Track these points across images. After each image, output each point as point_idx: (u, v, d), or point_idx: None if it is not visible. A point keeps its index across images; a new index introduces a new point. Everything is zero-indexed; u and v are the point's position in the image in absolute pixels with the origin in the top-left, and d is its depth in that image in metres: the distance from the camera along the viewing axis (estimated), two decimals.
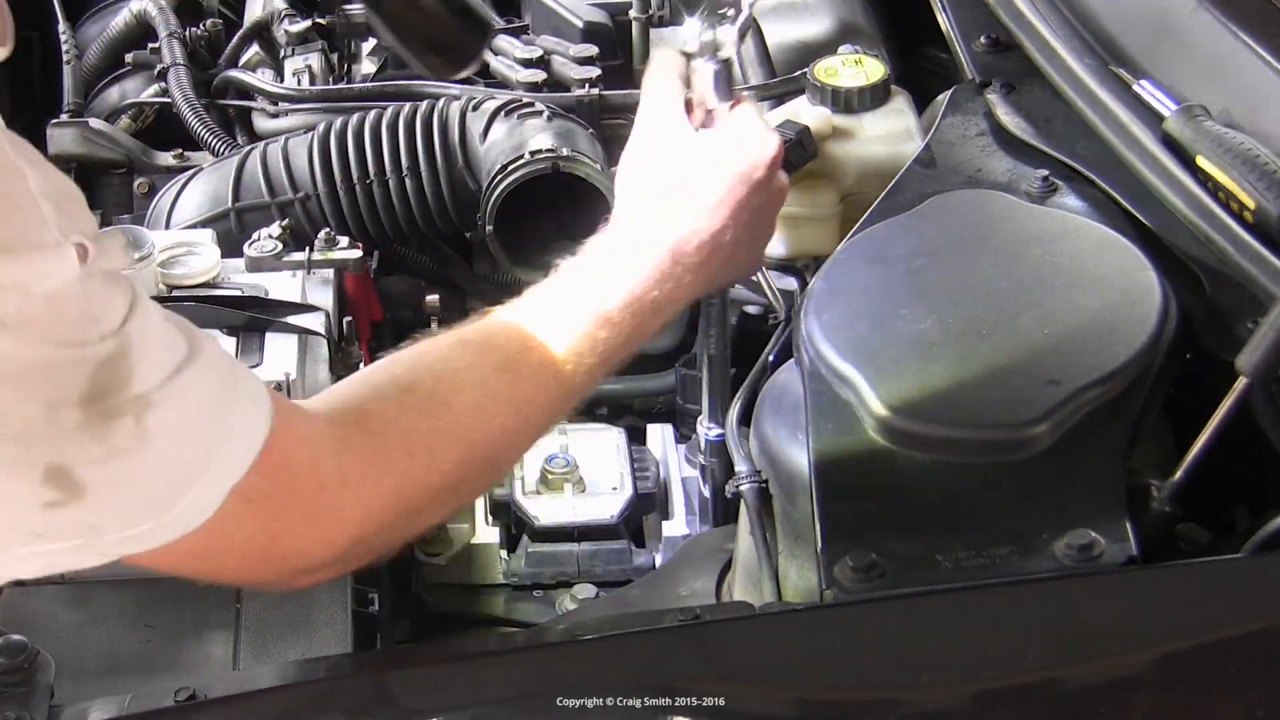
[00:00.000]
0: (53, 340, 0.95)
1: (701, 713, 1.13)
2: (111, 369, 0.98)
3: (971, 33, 1.82)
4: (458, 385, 1.23)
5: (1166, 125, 1.52)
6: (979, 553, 1.23)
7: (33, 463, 0.96)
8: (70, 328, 0.96)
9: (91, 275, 0.97)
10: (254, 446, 1.07)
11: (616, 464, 1.84)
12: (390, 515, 1.17)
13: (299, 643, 1.55)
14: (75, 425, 0.97)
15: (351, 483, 1.14)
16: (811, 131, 1.67)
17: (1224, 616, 1.22)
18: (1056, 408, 1.26)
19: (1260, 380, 1.24)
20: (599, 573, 1.76)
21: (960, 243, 1.46)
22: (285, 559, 1.14)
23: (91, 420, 0.97)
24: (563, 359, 1.28)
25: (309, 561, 1.15)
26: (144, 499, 1.02)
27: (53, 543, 1.01)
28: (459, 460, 1.21)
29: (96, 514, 1.00)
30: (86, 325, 0.97)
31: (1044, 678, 1.19)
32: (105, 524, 1.01)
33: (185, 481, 1.03)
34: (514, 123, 1.97)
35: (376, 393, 1.22)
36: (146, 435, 1.00)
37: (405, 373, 1.23)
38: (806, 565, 1.35)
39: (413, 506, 1.19)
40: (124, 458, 0.99)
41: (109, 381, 0.98)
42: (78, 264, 0.96)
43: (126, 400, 0.99)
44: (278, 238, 1.87)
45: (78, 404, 0.97)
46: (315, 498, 1.12)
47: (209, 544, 1.07)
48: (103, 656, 1.53)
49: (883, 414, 1.28)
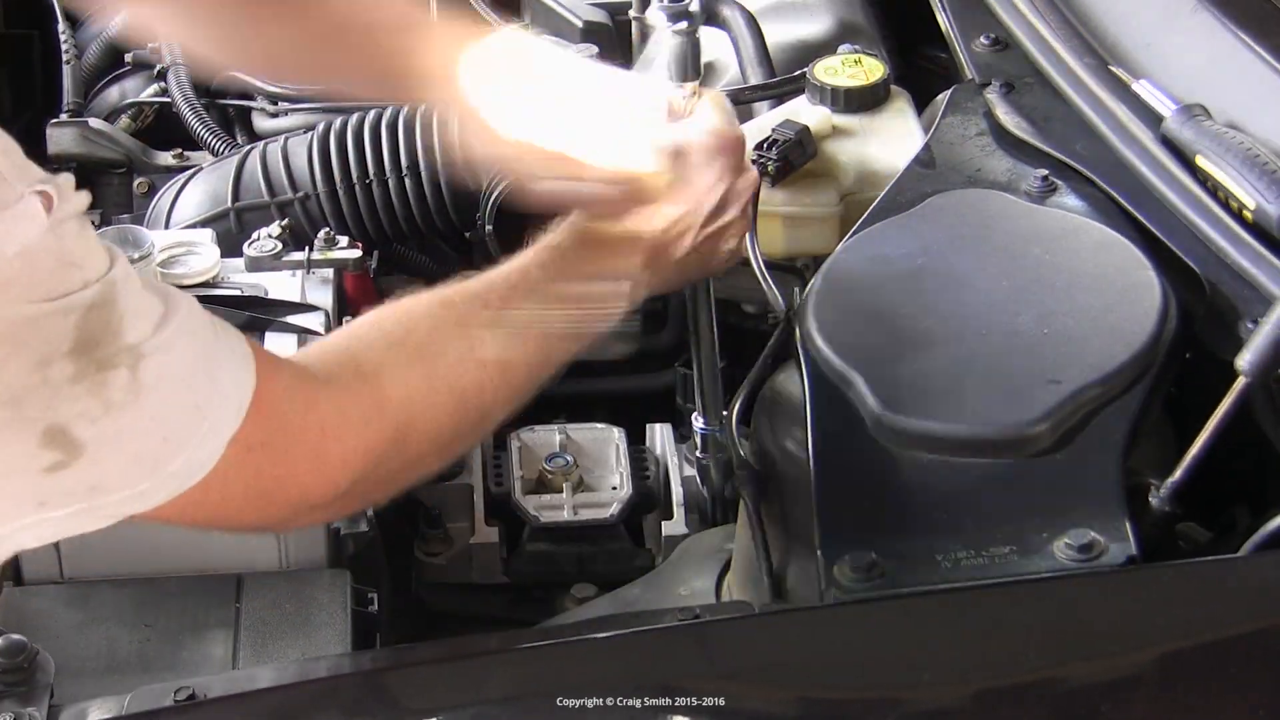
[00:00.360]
0: (34, 297, 0.95)
1: (701, 712, 1.13)
2: (100, 315, 0.98)
3: (971, 32, 1.82)
4: (446, 337, 1.25)
5: (1166, 125, 1.52)
6: (979, 552, 1.23)
7: (30, 424, 0.96)
8: (50, 280, 0.96)
9: (62, 222, 0.96)
10: (244, 397, 1.07)
11: (616, 464, 1.84)
12: (390, 457, 1.18)
13: (299, 642, 1.55)
14: (68, 378, 0.96)
15: (352, 422, 1.15)
16: (811, 131, 1.67)
17: (1224, 616, 1.22)
18: (1056, 407, 1.26)
19: (1260, 380, 1.24)
20: (599, 572, 1.76)
21: (960, 242, 1.46)
22: (289, 500, 1.14)
23: (84, 371, 0.97)
24: (539, 322, 1.31)
25: (312, 500, 1.16)
26: (141, 456, 1.02)
27: (56, 509, 1.01)
28: (452, 407, 1.24)
29: (97, 474, 1.00)
30: (67, 273, 0.97)
31: (1044, 677, 1.18)
32: (106, 483, 1.01)
33: (180, 436, 1.03)
34: None
35: (365, 343, 1.23)
36: (140, 388, 1.00)
37: (394, 327, 1.25)
38: (806, 565, 1.35)
39: (410, 450, 1.21)
40: (120, 413, 0.99)
41: (99, 329, 0.98)
42: (44, 214, 0.95)
43: (119, 351, 0.99)
44: (277, 237, 1.87)
45: (68, 355, 0.96)
46: (316, 440, 1.13)
47: (211, 495, 1.07)
48: (102, 656, 1.53)
49: (882, 413, 1.28)
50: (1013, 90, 1.71)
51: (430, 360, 1.23)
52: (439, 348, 1.24)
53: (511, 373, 1.29)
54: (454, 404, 1.24)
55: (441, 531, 1.79)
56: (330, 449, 1.14)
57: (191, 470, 1.05)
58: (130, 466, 1.02)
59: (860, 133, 1.71)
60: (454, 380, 1.24)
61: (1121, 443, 1.27)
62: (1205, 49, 1.59)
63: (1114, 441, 1.27)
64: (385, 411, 1.18)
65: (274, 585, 1.62)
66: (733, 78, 2.12)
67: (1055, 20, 1.74)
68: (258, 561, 1.66)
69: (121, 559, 1.64)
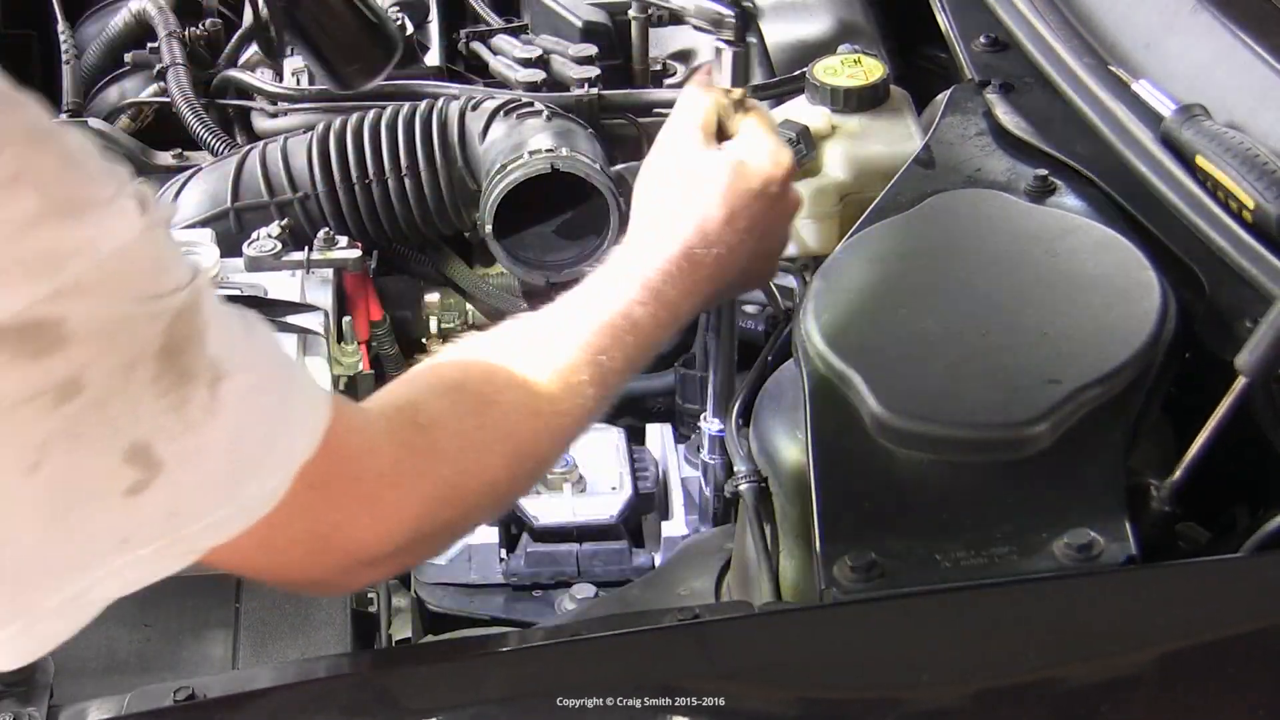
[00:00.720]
0: (129, 297, 0.94)
1: (701, 712, 1.13)
2: (186, 323, 0.98)
3: (971, 32, 1.82)
4: (502, 385, 1.24)
5: (1165, 125, 1.52)
6: (978, 552, 1.23)
7: (114, 436, 0.95)
8: (144, 281, 0.96)
9: (153, 226, 0.97)
10: (317, 429, 1.07)
11: (616, 464, 1.84)
12: (445, 509, 1.18)
13: (299, 642, 1.55)
14: (152, 384, 0.96)
15: (407, 473, 1.15)
16: (811, 131, 1.67)
17: (1224, 616, 1.22)
18: (1056, 407, 1.26)
19: (1260, 379, 1.24)
20: (598, 573, 1.77)
21: (959, 242, 1.46)
22: (346, 550, 1.14)
23: (168, 379, 0.97)
24: (596, 358, 1.30)
25: (369, 553, 1.15)
26: (217, 478, 1.02)
27: (139, 546, 1.00)
28: (508, 457, 1.23)
29: (174, 496, 0.99)
30: (159, 276, 0.97)
31: (1044, 677, 1.18)
32: (184, 509, 1.01)
33: (255, 460, 1.04)
34: (513, 122, 1.97)
35: (426, 389, 1.23)
36: (219, 407, 1.00)
37: (452, 371, 1.25)
38: (806, 565, 1.35)
39: (466, 501, 1.20)
40: (198, 431, 0.99)
41: (184, 337, 0.98)
42: (139, 215, 0.96)
43: (202, 362, 0.99)
44: (277, 237, 1.87)
45: (155, 359, 0.96)
46: (374, 487, 1.13)
47: (274, 534, 1.07)
48: (102, 656, 1.53)
49: (882, 413, 1.27)
50: (1012, 90, 1.71)
51: (486, 410, 1.22)
52: (493, 395, 1.23)
53: (567, 416, 1.27)
54: (509, 453, 1.23)
55: None
56: (386, 497, 1.14)
57: (263, 500, 1.05)
58: (207, 490, 1.02)
59: (860, 133, 1.71)
60: (509, 430, 1.23)
61: (1121, 443, 1.27)
62: (1205, 49, 1.59)
63: (1113, 441, 1.27)
64: (441, 461, 1.18)
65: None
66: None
67: (1055, 20, 1.74)
68: None
69: None
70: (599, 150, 1.97)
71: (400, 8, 2.24)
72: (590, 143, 1.97)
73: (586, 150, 1.93)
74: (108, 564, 1.00)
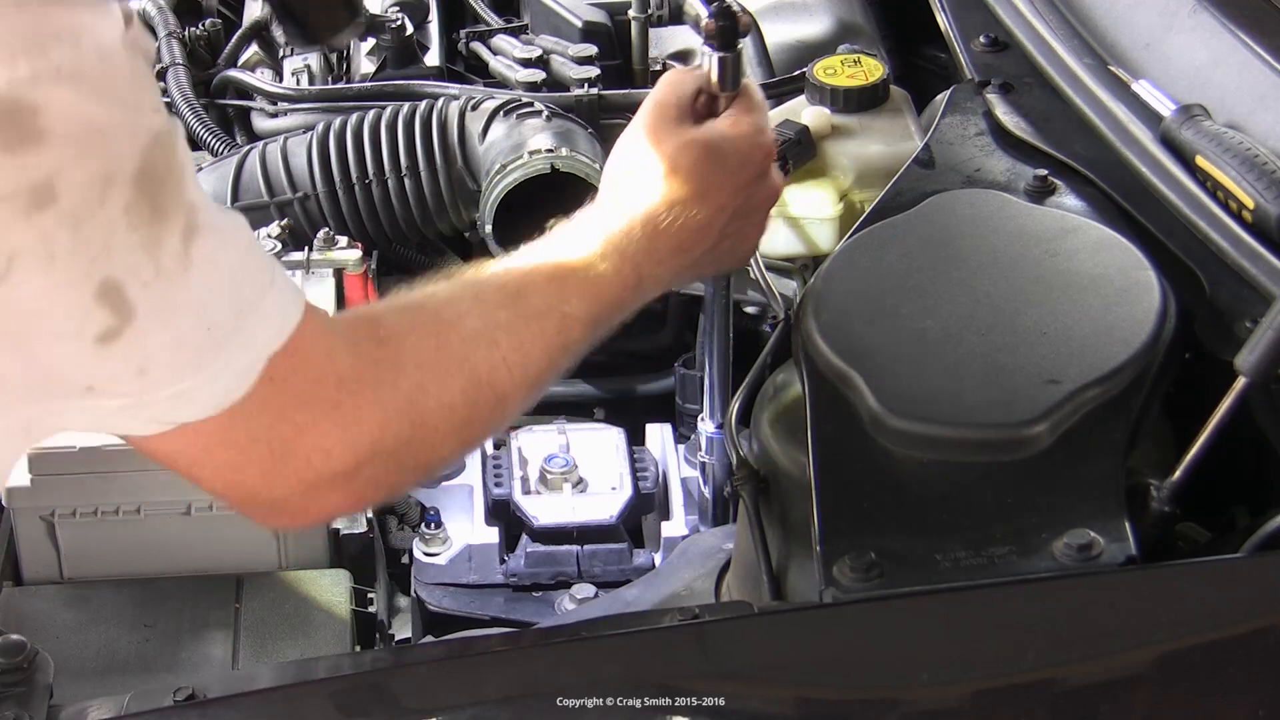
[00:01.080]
0: (107, 98, 0.95)
1: (701, 712, 1.13)
2: (163, 153, 0.99)
3: (970, 32, 1.82)
4: (462, 312, 1.25)
5: (1165, 125, 1.52)
6: (978, 552, 1.23)
7: (88, 264, 0.96)
8: (124, 89, 0.96)
9: (135, 46, 0.97)
10: (288, 322, 1.09)
11: (616, 464, 1.84)
12: (404, 423, 1.18)
13: (299, 643, 1.56)
14: (127, 212, 0.96)
15: (368, 381, 1.15)
16: (811, 131, 1.67)
17: (1224, 616, 1.22)
18: (1056, 407, 1.26)
19: (1259, 379, 1.24)
20: (598, 573, 1.77)
21: (959, 242, 1.46)
22: (309, 460, 1.14)
23: (142, 210, 0.97)
24: (557, 304, 1.30)
25: (330, 465, 1.14)
26: (186, 344, 1.03)
27: (105, 399, 1.02)
28: (464, 381, 1.22)
29: (145, 353, 1.00)
30: (139, 93, 0.97)
31: (1043, 677, 1.18)
32: (153, 369, 1.02)
33: (223, 333, 1.04)
34: (513, 122, 1.97)
35: (386, 307, 1.24)
36: (191, 263, 1.01)
37: (415, 295, 1.26)
38: (806, 565, 1.35)
39: (425, 422, 1.20)
40: (170, 281, 1.00)
41: (162, 167, 0.98)
42: (123, 25, 0.96)
43: (178, 205, 1.00)
44: (277, 237, 1.87)
45: (130, 181, 0.96)
46: (334, 392, 1.13)
47: (237, 427, 1.08)
48: (102, 656, 1.53)
49: (882, 413, 1.28)
50: (1012, 90, 1.71)
51: (444, 331, 1.22)
52: (453, 319, 1.23)
53: (527, 357, 1.26)
54: (466, 380, 1.22)
55: (441, 531, 1.79)
56: (346, 402, 1.14)
57: (231, 381, 1.06)
58: (177, 353, 1.03)
59: (859, 133, 1.71)
60: (466, 354, 1.23)
61: (1121, 443, 1.27)
62: (1205, 49, 1.60)
63: (1113, 441, 1.27)
64: (399, 374, 1.18)
65: (274, 585, 1.63)
66: None
67: (1054, 20, 1.74)
68: (258, 562, 1.67)
69: (121, 559, 1.65)
70: (598, 150, 1.97)
71: (400, 8, 2.24)
72: (590, 143, 1.97)
73: (586, 150, 1.93)
74: (69, 404, 1.02)
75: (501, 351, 1.25)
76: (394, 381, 1.17)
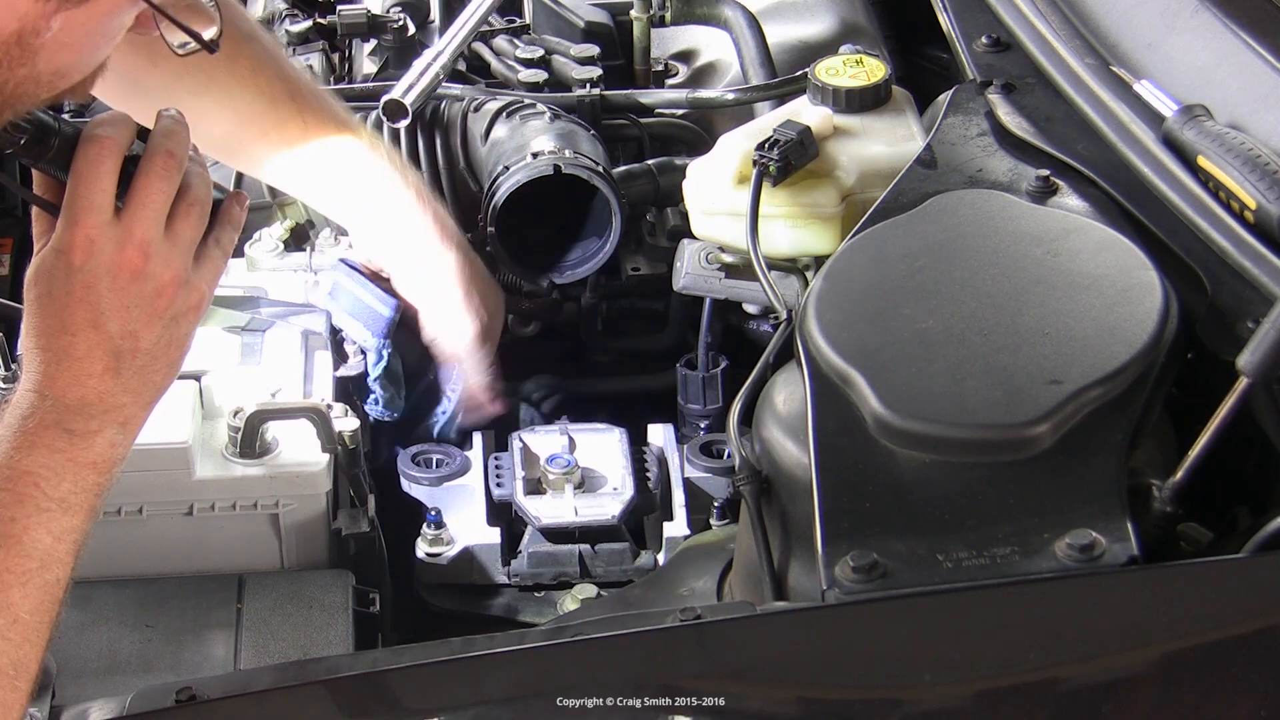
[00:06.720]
0: None
1: (702, 712, 1.13)
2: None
3: (972, 33, 1.82)
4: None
5: (1167, 125, 1.52)
6: (980, 552, 1.23)
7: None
8: None
9: None
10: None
11: (618, 464, 1.84)
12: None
13: (299, 643, 1.55)
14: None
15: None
16: (813, 131, 1.67)
17: (1225, 616, 1.22)
18: (1057, 407, 1.26)
19: (1261, 380, 1.24)
20: (600, 573, 1.76)
21: (961, 242, 1.46)
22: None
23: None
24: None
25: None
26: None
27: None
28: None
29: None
30: None
31: (1045, 677, 1.18)
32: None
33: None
34: (516, 124, 1.97)
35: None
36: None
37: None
38: (807, 565, 1.35)
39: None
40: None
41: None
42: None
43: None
44: (279, 237, 1.87)
45: None
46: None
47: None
48: (104, 656, 1.53)
49: (883, 414, 1.28)
50: (1014, 90, 1.71)
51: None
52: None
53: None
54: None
55: (442, 531, 1.79)
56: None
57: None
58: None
59: (862, 133, 1.71)
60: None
61: (1122, 443, 1.27)
62: (1207, 49, 1.60)
63: (1115, 442, 1.27)
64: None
65: (275, 586, 1.63)
66: (734, 78, 2.13)
67: (1056, 20, 1.74)
68: (259, 562, 1.67)
69: (122, 559, 1.65)
70: (601, 151, 1.97)
71: (401, 8, 2.24)
72: (593, 144, 1.97)
73: (589, 151, 1.93)
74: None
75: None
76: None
